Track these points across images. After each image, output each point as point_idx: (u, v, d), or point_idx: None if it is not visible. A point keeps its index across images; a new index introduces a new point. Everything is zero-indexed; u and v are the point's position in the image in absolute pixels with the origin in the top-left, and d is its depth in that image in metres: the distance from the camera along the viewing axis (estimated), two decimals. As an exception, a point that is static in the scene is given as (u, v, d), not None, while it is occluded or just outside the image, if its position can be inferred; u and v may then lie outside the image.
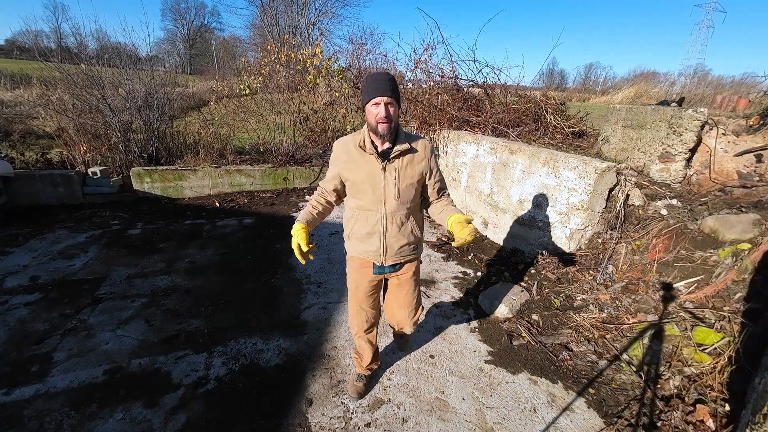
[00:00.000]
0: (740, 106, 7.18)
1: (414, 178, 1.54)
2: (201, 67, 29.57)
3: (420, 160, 1.54)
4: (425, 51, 5.55)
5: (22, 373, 2.01)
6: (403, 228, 1.59)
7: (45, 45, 27.74)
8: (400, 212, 1.57)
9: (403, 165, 1.51)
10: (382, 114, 1.37)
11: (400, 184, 1.52)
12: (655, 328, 2.22)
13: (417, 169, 1.54)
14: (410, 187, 1.54)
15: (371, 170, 1.51)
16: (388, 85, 1.37)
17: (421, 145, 1.54)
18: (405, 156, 1.51)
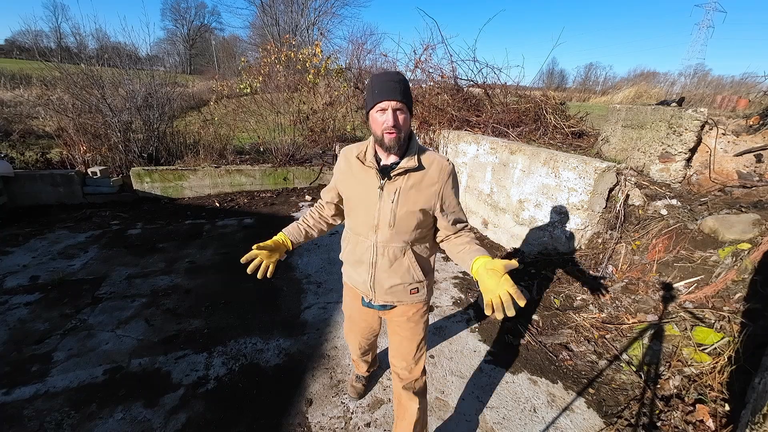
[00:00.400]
0: (740, 106, 7.19)
1: (417, 205, 1.21)
2: (201, 66, 29.59)
3: (431, 183, 1.21)
4: (425, 51, 5.55)
5: (22, 372, 2.01)
6: (396, 264, 1.29)
7: (45, 45, 27.76)
8: (393, 244, 1.26)
9: (407, 186, 1.20)
10: (389, 122, 1.11)
11: (398, 209, 1.21)
12: (655, 328, 2.22)
13: (424, 194, 1.21)
14: (410, 216, 1.22)
15: (367, 187, 1.24)
16: (397, 88, 1.11)
17: (436, 166, 1.21)
18: (411, 176, 1.20)
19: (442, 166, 1.23)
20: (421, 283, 1.36)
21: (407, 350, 1.44)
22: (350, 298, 1.55)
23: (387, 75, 1.17)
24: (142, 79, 5.49)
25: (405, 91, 1.13)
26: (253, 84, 6.45)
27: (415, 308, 1.41)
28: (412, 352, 1.44)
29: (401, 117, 1.13)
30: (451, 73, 5.53)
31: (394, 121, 1.11)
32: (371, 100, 1.15)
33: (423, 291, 1.38)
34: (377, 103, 1.13)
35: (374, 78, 1.20)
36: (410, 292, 1.35)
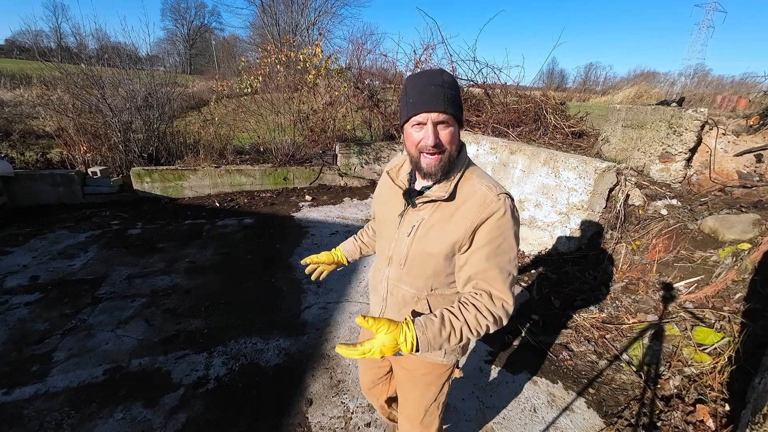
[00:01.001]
0: (740, 106, 7.19)
1: (438, 247, 0.91)
2: (201, 66, 29.59)
3: (462, 221, 0.88)
4: (425, 51, 5.56)
5: (22, 372, 2.01)
6: (407, 310, 1.03)
7: (45, 45, 27.79)
8: (405, 287, 1.02)
9: (431, 220, 0.92)
10: (428, 141, 0.83)
11: (413, 247, 0.95)
12: (655, 328, 2.22)
13: (451, 234, 0.90)
14: (426, 259, 0.95)
15: (390, 210, 1.02)
16: (440, 93, 0.81)
17: (477, 199, 0.88)
18: (441, 207, 0.92)
19: (486, 200, 0.87)
20: None
21: (413, 412, 1.19)
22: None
23: (425, 77, 0.85)
24: (142, 79, 5.49)
25: (452, 98, 0.83)
26: (253, 84, 6.44)
27: (427, 368, 1.11)
28: (419, 416, 1.18)
29: (446, 132, 0.84)
30: (452, 72, 5.52)
31: (434, 138, 0.83)
32: (405, 111, 0.87)
33: (440, 352, 1.06)
34: (412, 115, 0.85)
35: (409, 81, 0.89)
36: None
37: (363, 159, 5.99)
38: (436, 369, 1.11)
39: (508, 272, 0.88)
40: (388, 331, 0.83)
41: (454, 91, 0.85)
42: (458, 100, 0.86)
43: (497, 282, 0.87)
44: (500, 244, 0.87)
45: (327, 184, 5.87)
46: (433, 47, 5.56)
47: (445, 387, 1.17)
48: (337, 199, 5.30)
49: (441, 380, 1.14)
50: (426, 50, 5.55)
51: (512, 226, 0.88)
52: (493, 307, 0.87)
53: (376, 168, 6.11)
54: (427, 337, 0.84)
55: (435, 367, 1.11)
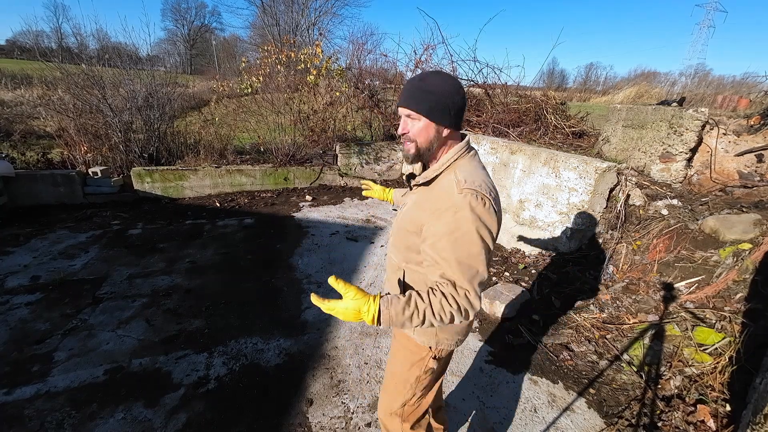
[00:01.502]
0: (741, 106, 7.18)
1: (410, 225, 1.05)
2: (201, 67, 29.60)
3: (428, 206, 1.00)
4: (425, 51, 5.55)
5: (23, 372, 2.01)
6: (391, 275, 1.19)
7: (46, 45, 27.83)
8: (392, 255, 1.19)
9: (414, 202, 1.08)
10: (399, 129, 1.05)
11: (398, 221, 1.14)
12: (655, 328, 2.22)
13: (419, 215, 1.02)
14: (402, 233, 1.09)
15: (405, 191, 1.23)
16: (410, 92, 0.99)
17: (444, 188, 0.98)
18: (422, 191, 1.07)
19: (449, 191, 0.95)
20: None
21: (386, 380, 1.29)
22: None
23: (414, 77, 1.04)
24: (142, 79, 5.49)
25: (423, 97, 0.97)
26: (253, 84, 6.45)
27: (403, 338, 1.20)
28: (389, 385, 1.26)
29: (414, 125, 1.00)
30: (452, 73, 5.52)
31: (402, 128, 1.02)
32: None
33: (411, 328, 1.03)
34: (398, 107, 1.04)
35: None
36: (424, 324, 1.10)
37: (363, 159, 5.99)
38: (412, 345, 1.18)
39: (469, 266, 0.92)
40: (354, 298, 0.90)
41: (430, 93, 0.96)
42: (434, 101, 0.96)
43: (457, 273, 0.92)
44: (458, 238, 0.92)
45: (327, 184, 5.87)
46: (434, 47, 5.57)
47: (414, 369, 1.19)
48: (337, 199, 5.30)
49: (413, 359, 1.18)
50: (426, 50, 5.55)
51: (473, 221, 0.91)
52: (457, 296, 0.92)
53: (376, 168, 6.11)
54: (390, 313, 0.90)
55: (410, 342, 1.18)
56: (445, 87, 0.98)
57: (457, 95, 0.99)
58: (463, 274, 0.92)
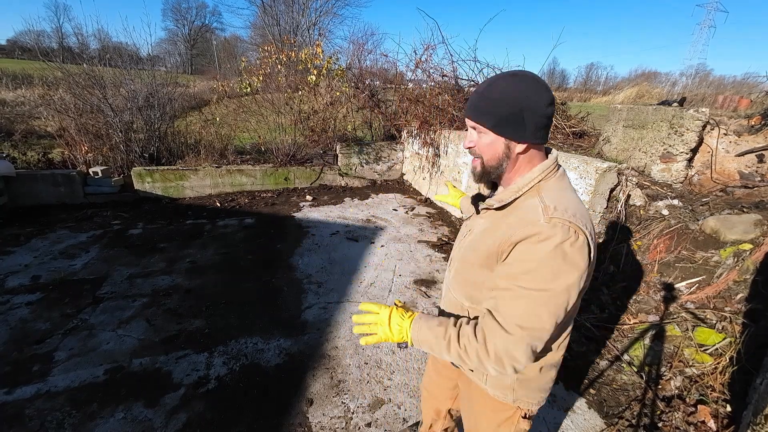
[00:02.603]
0: (742, 106, 7.16)
1: (476, 254, 0.89)
2: (202, 67, 29.62)
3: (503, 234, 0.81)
4: (425, 51, 5.55)
5: (24, 372, 2.01)
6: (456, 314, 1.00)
7: (47, 45, 27.80)
8: (453, 291, 1.00)
9: (483, 228, 0.90)
10: (464, 143, 0.91)
11: (461, 251, 0.97)
12: (656, 328, 2.22)
13: (489, 242, 0.84)
14: (468, 266, 0.93)
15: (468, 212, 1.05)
16: (474, 101, 0.84)
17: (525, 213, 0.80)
18: (494, 215, 0.88)
19: (533, 217, 0.77)
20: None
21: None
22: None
23: (483, 82, 0.88)
24: (143, 79, 5.50)
25: (482, 105, 0.82)
26: (254, 84, 6.45)
27: (483, 400, 1.00)
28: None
29: (481, 139, 0.86)
30: (452, 73, 5.52)
31: (468, 142, 0.89)
32: None
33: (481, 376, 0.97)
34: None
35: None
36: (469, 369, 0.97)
37: (364, 159, 5.99)
38: (496, 407, 0.98)
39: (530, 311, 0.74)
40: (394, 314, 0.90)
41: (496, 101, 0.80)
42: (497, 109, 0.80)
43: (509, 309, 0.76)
44: (533, 278, 0.73)
45: (328, 184, 5.87)
46: (434, 47, 5.55)
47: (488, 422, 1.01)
48: (337, 200, 5.30)
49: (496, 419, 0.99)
50: (426, 50, 5.54)
51: (558, 261, 0.72)
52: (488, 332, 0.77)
53: (376, 168, 6.11)
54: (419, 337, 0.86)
55: (492, 404, 0.98)
56: (521, 94, 0.78)
57: (538, 102, 0.79)
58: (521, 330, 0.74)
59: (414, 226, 4.35)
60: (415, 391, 1.99)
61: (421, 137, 5.36)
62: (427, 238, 4.03)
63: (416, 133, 5.46)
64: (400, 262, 3.45)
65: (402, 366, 2.17)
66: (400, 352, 2.27)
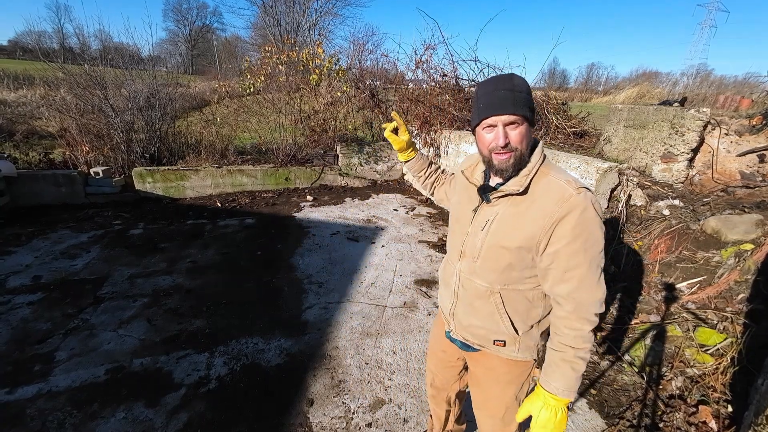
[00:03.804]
0: (743, 106, 7.15)
1: (513, 240, 0.94)
2: (203, 67, 29.63)
3: (540, 215, 0.90)
4: (426, 51, 5.55)
5: (25, 372, 2.01)
6: (479, 304, 1.05)
7: (48, 45, 27.84)
8: (478, 280, 1.03)
9: (506, 215, 0.95)
10: (498, 141, 0.89)
11: (487, 240, 0.98)
12: (657, 328, 2.21)
13: (526, 228, 0.92)
14: (501, 253, 0.97)
15: (465, 205, 1.07)
16: (509, 97, 0.88)
17: (554, 194, 0.89)
18: (515, 201, 0.95)
19: (565, 193, 0.88)
20: (511, 337, 1.04)
21: (494, 408, 1.20)
22: (438, 321, 1.34)
23: (495, 82, 0.92)
24: (144, 79, 5.51)
25: (522, 100, 0.89)
26: (254, 84, 6.46)
27: (507, 366, 1.11)
28: (500, 412, 1.19)
29: (515, 132, 0.90)
30: (453, 73, 5.52)
31: (504, 139, 0.89)
32: (476, 115, 0.94)
33: (513, 347, 1.06)
34: (483, 119, 0.91)
35: (479, 87, 0.96)
36: (494, 342, 1.07)
37: (364, 159, 5.99)
38: (516, 368, 1.12)
39: (598, 265, 0.92)
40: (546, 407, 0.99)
41: (524, 94, 0.90)
42: (529, 101, 0.91)
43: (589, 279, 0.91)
44: (587, 239, 0.88)
45: (328, 184, 5.87)
46: (434, 47, 5.56)
47: (525, 386, 1.18)
48: (338, 200, 5.30)
49: (521, 378, 1.15)
50: (427, 50, 5.55)
51: (597, 220, 0.89)
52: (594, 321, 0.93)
53: (377, 168, 6.11)
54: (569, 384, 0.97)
55: (514, 366, 1.12)
56: (527, 85, 0.93)
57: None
58: (594, 276, 0.92)
59: (414, 226, 4.35)
60: (416, 392, 1.98)
61: (421, 137, 5.36)
62: (427, 238, 4.03)
63: (417, 133, 5.46)
64: (401, 262, 3.45)
65: (403, 366, 2.17)
66: (401, 353, 2.28)
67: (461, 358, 1.28)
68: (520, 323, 1.03)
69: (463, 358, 1.28)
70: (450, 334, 1.20)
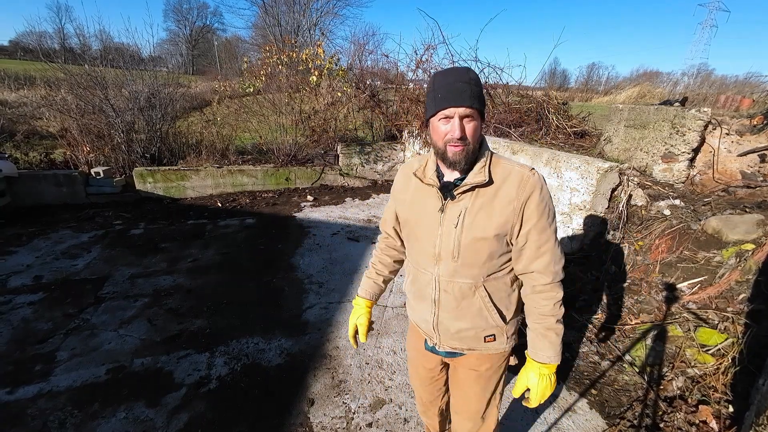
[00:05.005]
0: (744, 105, 7.14)
1: (488, 230, 0.96)
2: (203, 67, 29.64)
3: (507, 201, 0.95)
4: (426, 51, 5.55)
5: (26, 372, 2.02)
6: (465, 304, 1.05)
7: (49, 46, 27.83)
8: (459, 280, 1.03)
9: (474, 207, 0.97)
10: (454, 133, 0.90)
11: (463, 236, 0.98)
12: (657, 328, 2.21)
13: (498, 216, 0.95)
14: (479, 244, 0.97)
15: (426, 208, 1.04)
16: (466, 90, 0.89)
17: (514, 178, 0.96)
18: (480, 193, 0.97)
19: (523, 177, 0.95)
20: (500, 328, 1.07)
21: (474, 408, 1.21)
22: (413, 338, 1.29)
23: (453, 74, 0.93)
24: (144, 79, 5.52)
25: (477, 94, 0.91)
26: (255, 84, 6.46)
27: (490, 361, 1.13)
28: (480, 411, 1.20)
29: (470, 125, 0.92)
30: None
31: (461, 131, 0.90)
32: (432, 105, 0.94)
33: (502, 339, 1.10)
34: (440, 110, 0.91)
35: (437, 78, 0.95)
36: (485, 340, 1.08)
37: (364, 159, 5.99)
38: (497, 359, 1.15)
39: (554, 229, 1.01)
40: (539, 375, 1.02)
41: (479, 88, 0.93)
42: (482, 96, 0.94)
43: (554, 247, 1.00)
44: (548, 213, 0.98)
45: (329, 184, 5.87)
46: (434, 47, 5.55)
47: (503, 376, 1.21)
48: (338, 200, 5.30)
49: (501, 370, 1.18)
50: (427, 50, 5.55)
51: (549, 194, 1.00)
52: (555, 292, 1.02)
53: (377, 168, 6.11)
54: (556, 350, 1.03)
55: (496, 358, 1.15)
56: (480, 81, 0.96)
57: None
58: (558, 245, 1.01)
59: (415, 226, 4.34)
60: (416, 392, 1.98)
61: (422, 137, 5.36)
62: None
63: (417, 133, 5.46)
64: (401, 262, 3.45)
65: (403, 366, 2.17)
66: (401, 353, 2.28)
67: (443, 367, 1.29)
68: (506, 311, 1.08)
69: (445, 365, 1.29)
70: (435, 348, 1.17)
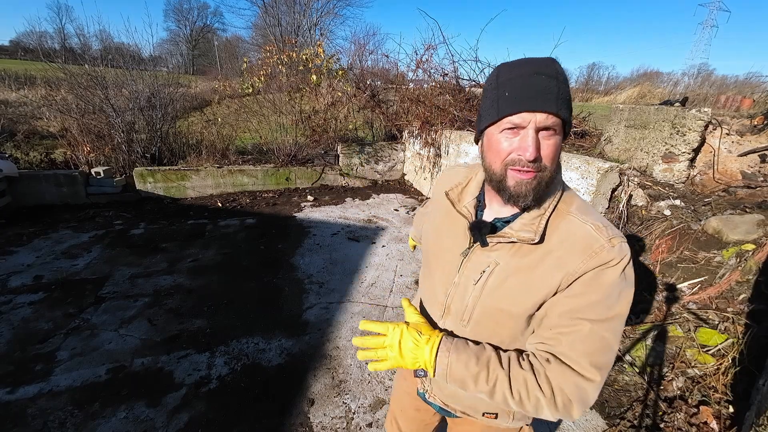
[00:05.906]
0: (744, 105, 7.13)
1: (520, 304, 0.68)
2: (203, 67, 29.64)
3: (557, 268, 0.64)
4: (426, 51, 5.55)
5: (26, 371, 2.02)
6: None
7: (49, 46, 27.87)
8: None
9: (509, 267, 0.69)
10: (526, 152, 0.60)
11: (482, 300, 0.72)
12: (658, 329, 2.21)
13: (538, 289, 0.66)
14: (502, 317, 0.71)
15: (449, 243, 0.79)
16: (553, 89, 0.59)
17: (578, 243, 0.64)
18: (523, 250, 0.68)
19: (594, 246, 0.62)
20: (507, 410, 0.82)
21: None
22: (403, 372, 1.07)
23: (530, 65, 0.61)
24: (145, 79, 5.52)
25: (565, 96, 0.61)
26: (255, 84, 6.47)
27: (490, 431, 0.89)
28: None
29: (550, 142, 0.61)
30: (453, 73, 5.52)
31: (535, 150, 0.59)
32: (494, 109, 0.63)
33: (507, 419, 0.84)
34: (507, 115, 0.60)
35: (502, 70, 0.64)
36: (483, 415, 0.85)
37: (365, 159, 5.99)
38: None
39: (602, 345, 0.62)
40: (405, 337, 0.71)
41: (567, 88, 0.61)
42: (570, 101, 0.62)
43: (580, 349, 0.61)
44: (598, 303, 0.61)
45: (329, 184, 5.87)
46: (435, 47, 5.56)
47: None
48: (339, 200, 5.30)
49: None
50: (427, 50, 5.55)
51: (624, 284, 0.62)
52: (558, 381, 0.62)
53: (377, 168, 6.11)
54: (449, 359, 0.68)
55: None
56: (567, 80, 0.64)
57: None
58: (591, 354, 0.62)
59: (415, 227, 4.34)
60: (417, 392, 1.99)
61: (422, 137, 5.36)
62: (428, 238, 4.03)
63: (417, 133, 5.46)
64: (401, 262, 3.45)
65: (403, 366, 2.17)
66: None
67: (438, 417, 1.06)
68: None
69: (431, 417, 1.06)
70: (425, 396, 0.93)
